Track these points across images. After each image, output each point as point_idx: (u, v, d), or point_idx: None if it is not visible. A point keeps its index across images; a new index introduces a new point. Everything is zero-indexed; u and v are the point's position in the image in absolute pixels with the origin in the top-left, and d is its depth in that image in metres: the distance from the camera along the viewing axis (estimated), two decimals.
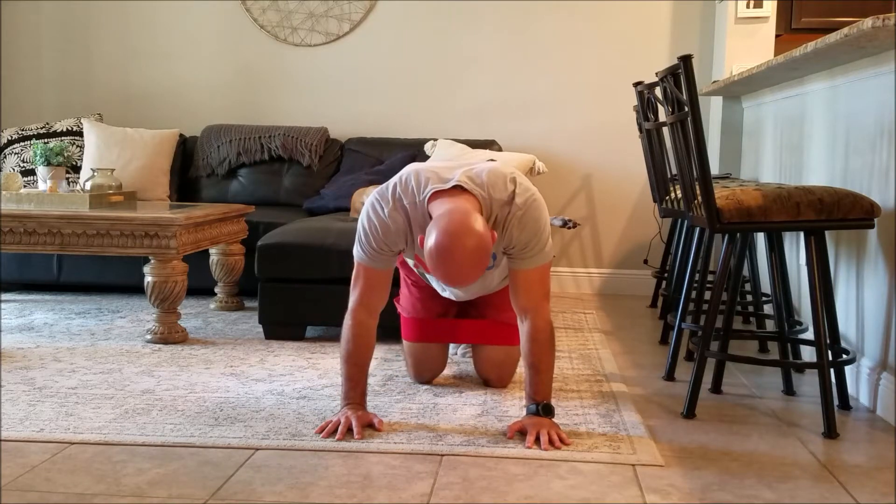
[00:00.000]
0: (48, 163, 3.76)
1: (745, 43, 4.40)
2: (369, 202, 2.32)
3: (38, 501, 1.83)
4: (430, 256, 2.09)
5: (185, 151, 4.78)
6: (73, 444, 2.18)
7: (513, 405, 2.56)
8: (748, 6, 4.37)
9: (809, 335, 2.95)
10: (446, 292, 2.70)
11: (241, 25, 4.98)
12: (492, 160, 3.99)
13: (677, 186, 3.15)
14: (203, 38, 5.01)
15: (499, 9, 4.82)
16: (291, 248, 3.36)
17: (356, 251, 2.34)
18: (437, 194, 2.20)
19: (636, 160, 4.62)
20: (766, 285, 3.70)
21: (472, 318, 2.78)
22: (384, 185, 2.33)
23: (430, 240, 2.09)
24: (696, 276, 3.16)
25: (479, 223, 2.11)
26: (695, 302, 3.16)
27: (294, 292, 3.38)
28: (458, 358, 3.11)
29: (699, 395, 2.53)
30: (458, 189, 2.20)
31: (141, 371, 2.89)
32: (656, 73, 2.71)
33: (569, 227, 3.62)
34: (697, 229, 3.19)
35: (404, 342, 2.83)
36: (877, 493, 1.96)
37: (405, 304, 2.82)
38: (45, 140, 4.62)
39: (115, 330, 3.55)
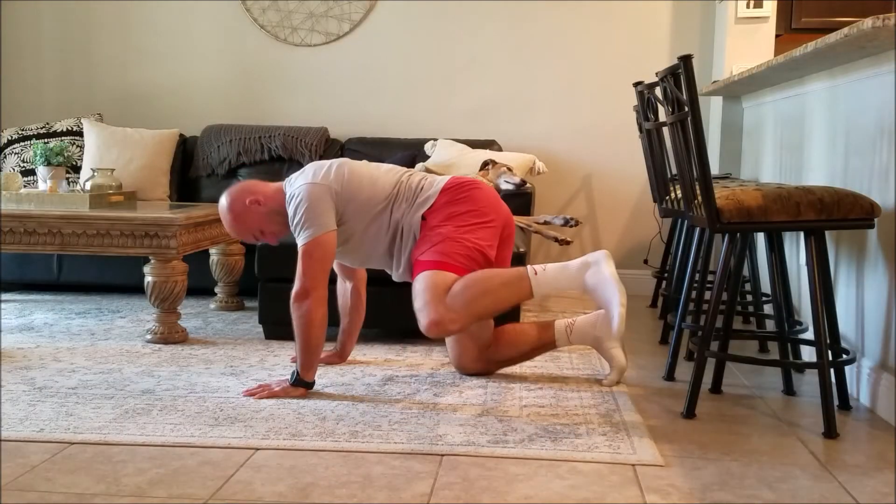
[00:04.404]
0: (48, 163, 3.77)
1: (745, 43, 4.40)
2: None
3: (38, 501, 1.83)
4: None
5: (185, 151, 4.78)
6: (73, 444, 2.18)
7: (513, 405, 2.56)
8: (748, 6, 4.37)
9: (809, 335, 2.95)
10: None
11: (241, 25, 4.98)
12: (491, 161, 3.99)
13: (677, 186, 3.15)
14: (203, 38, 5.01)
15: (499, 9, 4.82)
16: (291, 248, 3.34)
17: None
18: None
19: (636, 160, 4.62)
20: (766, 285, 3.70)
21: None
22: None
23: None
24: (696, 276, 3.16)
25: (240, 191, 2.75)
26: (695, 302, 3.16)
27: None
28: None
29: (699, 395, 2.53)
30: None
31: (141, 371, 2.89)
32: (656, 73, 2.71)
33: (570, 226, 3.61)
34: (697, 229, 3.19)
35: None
36: (877, 493, 1.96)
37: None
38: (45, 140, 4.62)
39: (115, 330, 3.55)
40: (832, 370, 2.54)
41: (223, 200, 2.78)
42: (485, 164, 4.04)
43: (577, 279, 2.70)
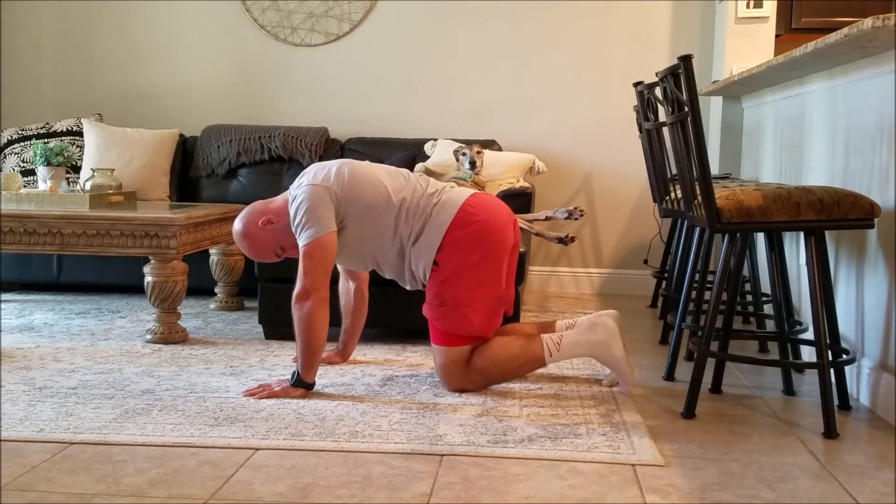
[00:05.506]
0: (48, 163, 3.77)
1: (745, 43, 4.40)
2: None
3: (38, 501, 1.83)
4: None
5: (185, 151, 4.78)
6: (73, 444, 2.18)
7: (513, 405, 2.56)
8: (748, 6, 4.37)
9: (809, 335, 2.95)
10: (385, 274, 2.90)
11: (241, 25, 4.98)
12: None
13: (677, 186, 3.15)
14: (203, 38, 5.01)
15: (499, 9, 4.82)
16: None
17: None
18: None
19: (636, 160, 4.62)
20: (766, 285, 3.70)
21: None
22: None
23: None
24: (696, 276, 3.16)
25: (251, 214, 2.79)
26: (695, 302, 3.16)
27: None
28: None
29: (699, 395, 2.53)
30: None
31: (141, 371, 2.89)
32: (656, 73, 2.71)
33: (575, 218, 3.60)
34: (697, 229, 3.19)
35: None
36: (877, 493, 1.96)
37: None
38: (45, 140, 4.62)
39: (115, 330, 3.55)
40: (832, 370, 2.54)
41: (237, 227, 2.79)
42: (457, 158, 4.04)
43: (588, 354, 2.76)
